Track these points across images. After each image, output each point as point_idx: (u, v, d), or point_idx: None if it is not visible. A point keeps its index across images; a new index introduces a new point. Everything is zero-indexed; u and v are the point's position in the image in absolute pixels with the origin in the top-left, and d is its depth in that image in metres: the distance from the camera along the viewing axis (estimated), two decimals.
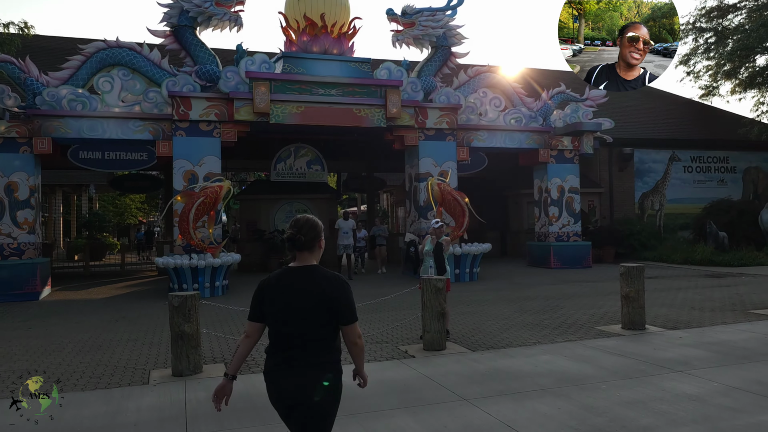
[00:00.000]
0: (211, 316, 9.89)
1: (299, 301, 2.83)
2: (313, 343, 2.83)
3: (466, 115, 16.40)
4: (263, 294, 2.94)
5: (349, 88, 14.92)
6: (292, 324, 2.83)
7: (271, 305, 2.88)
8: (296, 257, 2.94)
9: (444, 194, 14.82)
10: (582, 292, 12.20)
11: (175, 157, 13.91)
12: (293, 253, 2.93)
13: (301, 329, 2.82)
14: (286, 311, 2.84)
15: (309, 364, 2.81)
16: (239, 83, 14.20)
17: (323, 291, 2.84)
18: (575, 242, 17.48)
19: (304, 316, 2.82)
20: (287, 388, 2.80)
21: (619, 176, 21.06)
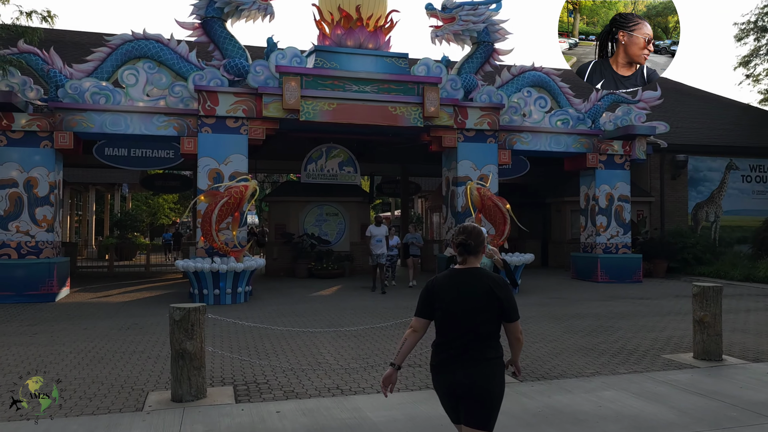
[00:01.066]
0: (220, 331, 9.06)
1: (471, 300, 3.07)
2: (481, 340, 3.07)
3: (508, 116, 15.34)
4: (434, 293, 3.17)
5: (385, 84, 14.04)
6: (464, 321, 3.07)
7: (443, 303, 3.12)
8: (464, 261, 3.19)
9: (484, 200, 13.78)
10: (637, 311, 11.01)
11: (200, 154, 13.22)
12: (463, 257, 3.18)
13: (472, 326, 3.06)
14: (459, 309, 3.08)
15: (479, 358, 3.06)
16: (269, 78, 13.44)
17: (491, 290, 3.07)
18: (624, 254, 16.21)
19: (475, 314, 3.06)
20: (458, 381, 3.05)
21: (671, 185, 19.67)
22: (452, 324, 3.10)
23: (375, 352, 7.46)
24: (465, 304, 3.08)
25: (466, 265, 3.19)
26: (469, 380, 3.04)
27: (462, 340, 3.08)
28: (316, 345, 7.82)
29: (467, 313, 3.07)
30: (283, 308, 11.41)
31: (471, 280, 3.12)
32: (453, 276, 3.17)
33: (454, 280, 3.15)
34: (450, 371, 3.09)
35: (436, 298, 3.15)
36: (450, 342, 3.11)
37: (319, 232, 18.07)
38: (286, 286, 15.22)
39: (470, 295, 3.09)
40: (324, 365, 6.80)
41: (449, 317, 3.11)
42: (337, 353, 7.40)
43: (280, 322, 9.69)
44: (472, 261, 3.18)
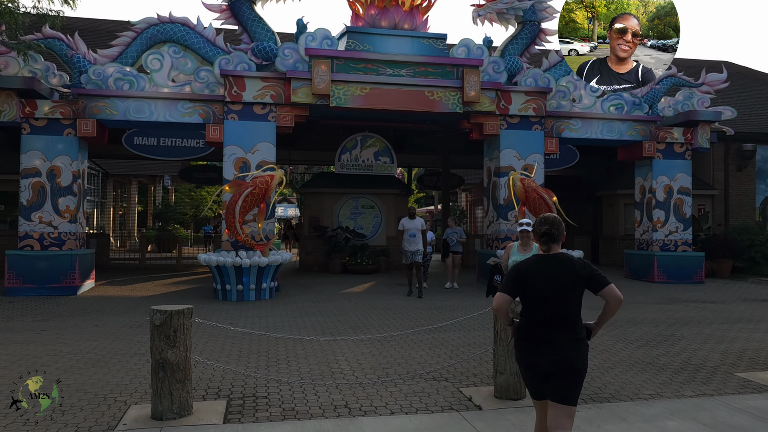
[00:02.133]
0: (233, 333, 8.35)
1: (561, 285, 3.33)
2: (569, 321, 3.35)
3: (556, 101, 14.16)
4: (525, 276, 3.38)
5: (421, 67, 13.08)
6: (554, 303, 3.33)
7: (535, 287, 3.34)
8: (549, 249, 3.41)
9: (528, 191, 12.70)
10: (701, 316, 9.78)
11: (226, 143, 12.58)
12: (548, 245, 3.40)
13: (561, 308, 3.34)
14: (550, 293, 3.33)
15: (569, 339, 3.32)
16: (298, 61, 12.68)
17: (576, 272, 3.36)
18: (685, 252, 14.83)
19: (565, 297, 3.34)
20: (548, 360, 3.29)
21: (736, 177, 18.03)
22: (543, 306, 3.32)
23: (398, 361, 6.59)
24: (556, 289, 3.32)
25: (549, 252, 3.42)
26: (559, 360, 3.26)
27: (552, 322, 3.31)
28: (333, 351, 7.00)
29: (558, 297, 3.31)
30: (308, 306, 10.66)
31: (559, 265, 3.37)
32: (542, 261, 3.40)
33: (544, 266, 3.38)
34: (540, 351, 3.30)
35: (527, 281, 3.36)
36: (541, 323, 3.33)
37: (354, 226, 17.30)
38: (317, 282, 14.51)
39: (560, 279, 3.33)
40: (337, 376, 5.97)
41: (541, 300, 3.33)
42: (356, 361, 6.57)
43: (300, 323, 8.93)
44: (555, 248, 3.43)
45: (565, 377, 3.29)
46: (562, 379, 3.29)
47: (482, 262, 14.33)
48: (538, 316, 3.35)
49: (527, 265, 3.42)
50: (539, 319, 3.34)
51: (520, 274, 3.40)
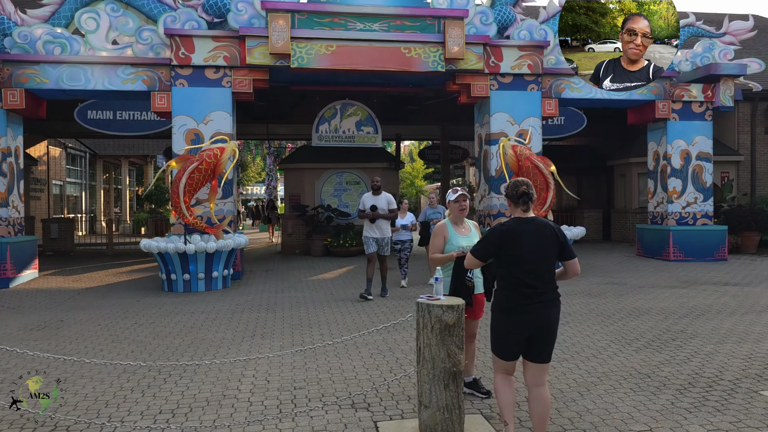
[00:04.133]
0: (153, 329, 6.93)
1: (545, 246, 3.48)
2: (551, 281, 3.51)
3: (555, 57, 12.38)
4: (507, 239, 3.49)
5: (397, 20, 11.41)
6: (539, 265, 3.45)
7: (520, 249, 3.45)
8: (527, 210, 3.56)
9: (521, 160, 11.04)
10: (721, 304, 8.12)
11: (175, 112, 11.12)
12: (527, 206, 3.55)
13: (544, 270, 3.47)
14: (536, 255, 3.45)
15: (553, 299, 3.51)
16: (253, 17, 11.10)
17: (556, 234, 3.52)
18: (705, 226, 13.06)
19: (547, 259, 3.48)
20: (535, 320, 3.44)
21: (764, 140, 16.10)
22: (528, 268, 3.44)
23: (319, 377, 5.11)
24: (541, 250, 3.46)
25: (527, 215, 3.56)
26: (545, 320, 3.45)
27: (538, 283, 3.44)
28: (247, 362, 5.54)
29: (542, 259, 3.46)
30: (260, 298, 9.23)
31: (540, 226, 3.52)
32: (526, 223, 3.52)
33: (530, 228, 3.50)
34: (528, 312, 3.43)
35: (510, 244, 3.47)
36: (527, 285, 3.42)
37: (338, 204, 15.79)
38: (290, 267, 13.07)
39: (545, 241, 3.47)
40: (225, 403, 4.51)
41: (526, 262, 3.44)
42: (264, 378, 5.11)
43: (236, 321, 7.49)
44: (531, 210, 3.59)
45: (547, 337, 3.49)
46: (545, 338, 3.49)
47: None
48: (522, 277, 3.43)
49: (512, 227, 3.51)
50: (525, 279, 3.43)
51: (500, 235, 3.51)
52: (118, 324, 7.40)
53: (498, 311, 3.55)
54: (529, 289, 3.42)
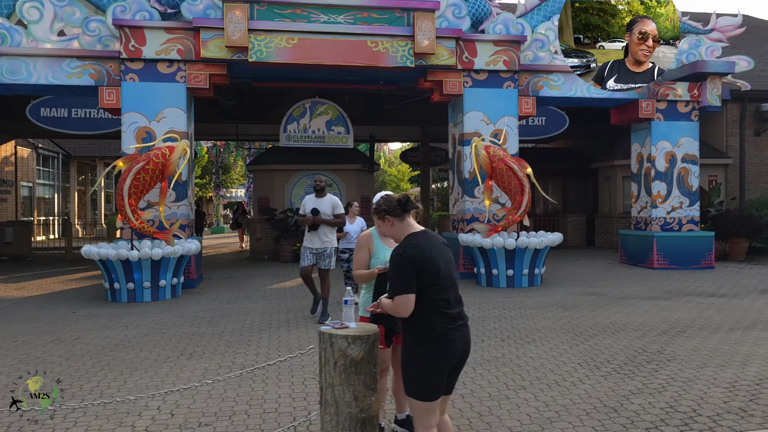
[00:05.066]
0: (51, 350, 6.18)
1: (448, 257, 3.06)
2: (461, 299, 3.08)
3: (532, 52, 11.71)
4: (423, 260, 2.91)
5: (364, 12, 10.72)
6: (455, 282, 3.03)
7: (438, 268, 2.93)
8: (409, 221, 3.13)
9: (494, 161, 10.36)
10: (704, 319, 7.44)
11: (125, 109, 10.36)
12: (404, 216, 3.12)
13: (456, 284, 3.04)
14: (451, 271, 3.02)
15: (467, 318, 3.07)
16: (209, 7, 10.39)
17: (449, 247, 3.15)
18: (690, 232, 12.41)
19: (454, 271, 3.08)
20: (463, 344, 2.98)
21: (754, 142, 15.49)
22: (448, 286, 2.99)
23: (231, 411, 4.38)
24: (449, 264, 3.05)
25: (416, 228, 3.13)
26: (468, 344, 3.06)
27: (459, 303, 3.05)
28: (160, 390, 4.79)
29: (452, 273, 3.04)
30: (208, 309, 8.48)
31: (437, 239, 3.11)
32: (429, 238, 3.06)
33: (432, 240, 3.06)
34: (455, 337, 2.95)
35: (427, 264, 2.92)
36: (450, 305, 2.98)
37: None
38: (253, 275, 12.32)
39: (446, 253, 3.08)
40: None
41: (447, 281, 2.99)
42: (168, 412, 4.38)
43: (168, 337, 6.74)
44: (414, 222, 3.17)
45: (464, 364, 3.10)
46: (462, 366, 3.09)
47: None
48: (445, 297, 2.95)
49: (421, 246, 2.99)
50: (447, 299, 2.96)
51: (414, 260, 2.90)
52: (37, 340, 6.65)
53: (422, 343, 2.93)
54: (452, 309, 2.96)
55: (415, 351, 2.93)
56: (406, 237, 3.05)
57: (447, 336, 2.91)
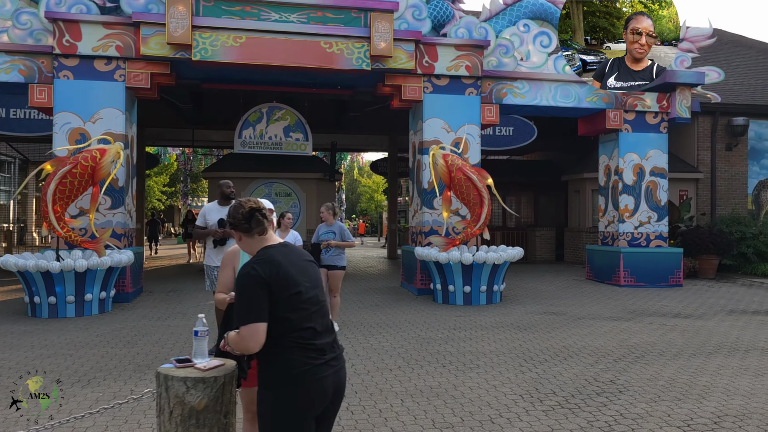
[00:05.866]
0: None
1: (312, 274, 2.50)
2: (331, 326, 2.53)
3: (496, 58, 11.21)
4: (276, 279, 2.34)
5: (318, 11, 10.13)
6: (321, 304, 2.49)
7: (297, 288, 2.38)
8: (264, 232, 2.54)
9: (452, 171, 9.79)
10: (666, 342, 6.89)
11: (57, 108, 9.64)
12: (262, 227, 2.52)
13: (324, 309, 2.49)
14: (315, 292, 2.47)
15: (341, 350, 2.52)
16: (151, 2, 9.73)
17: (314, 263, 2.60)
18: (659, 248, 11.94)
19: (320, 292, 2.52)
20: (335, 381, 2.42)
21: (725, 157, 15.16)
22: (316, 313, 2.43)
23: None
24: (310, 282, 2.47)
25: (273, 241, 2.57)
26: (342, 382, 2.48)
27: (329, 332, 2.48)
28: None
29: (317, 294, 2.48)
30: (133, 327, 7.74)
31: (298, 252, 2.57)
32: (287, 252, 2.50)
33: (294, 256, 2.50)
34: (324, 375, 2.37)
35: (283, 284, 2.36)
36: (320, 336, 2.41)
37: None
38: (199, 288, 11.58)
39: (310, 270, 2.52)
40: None
41: (312, 304, 2.42)
42: None
43: (64, 360, 6.00)
44: (272, 235, 2.60)
45: (338, 408, 2.53)
46: (336, 410, 2.52)
47: (407, 263, 11.45)
48: (309, 324, 2.38)
49: (270, 258, 2.40)
50: (313, 327, 2.39)
51: (263, 280, 2.31)
52: None
53: (279, 385, 2.33)
54: (320, 340, 2.39)
55: (271, 395, 2.34)
56: (259, 251, 2.50)
57: (313, 374, 2.34)
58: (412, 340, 6.93)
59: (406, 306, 9.42)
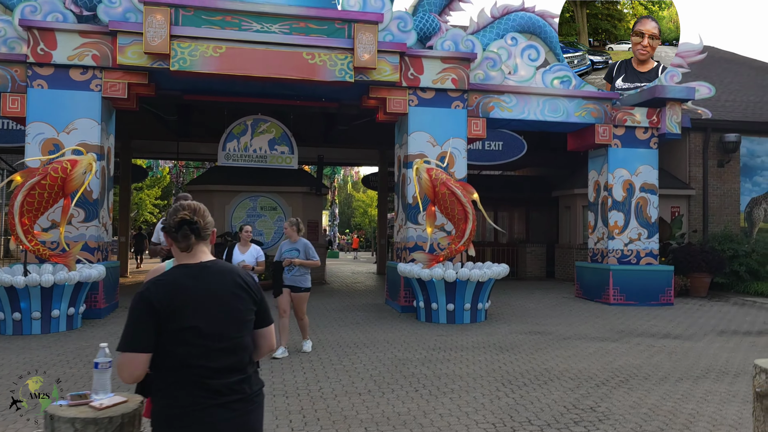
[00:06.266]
0: None
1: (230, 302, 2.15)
2: (244, 364, 2.16)
3: (483, 71, 11.02)
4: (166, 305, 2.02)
5: (301, 22, 9.95)
6: (222, 339, 2.09)
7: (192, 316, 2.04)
8: (194, 251, 2.19)
9: (436, 185, 9.54)
10: (652, 366, 6.60)
11: (30, 118, 9.39)
12: (188, 243, 2.17)
13: (232, 346, 2.11)
14: (220, 320, 2.10)
15: (251, 392, 2.15)
16: (129, 10, 9.53)
17: (245, 286, 2.21)
18: (649, 266, 11.68)
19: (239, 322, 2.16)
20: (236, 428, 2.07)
21: (717, 173, 14.96)
22: (215, 349, 2.07)
23: None
24: (228, 315, 2.13)
25: (197, 259, 2.18)
26: (253, 423, 2.15)
27: (238, 371, 2.13)
28: None
29: (232, 328, 2.13)
30: (96, 346, 7.42)
31: (222, 275, 2.19)
32: (191, 275, 2.12)
33: (205, 280, 2.13)
34: (224, 420, 2.05)
35: (178, 314, 2.04)
36: (213, 374, 2.06)
37: None
38: None
39: (231, 300, 2.16)
40: None
41: (209, 339, 2.07)
42: None
43: (7, 383, 5.67)
44: (204, 250, 2.22)
45: None
46: None
47: (391, 279, 11.16)
48: (204, 362, 2.04)
49: (169, 282, 2.08)
50: (208, 365, 2.05)
51: (151, 305, 2.01)
52: None
53: (163, 424, 2.05)
54: (218, 379, 2.07)
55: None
56: (171, 268, 2.21)
57: (200, 416, 2.01)
58: (388, 361, 6.62)
59: (388, 324, 9.12)
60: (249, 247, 6.78)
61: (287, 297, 6.93)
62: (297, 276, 6.85)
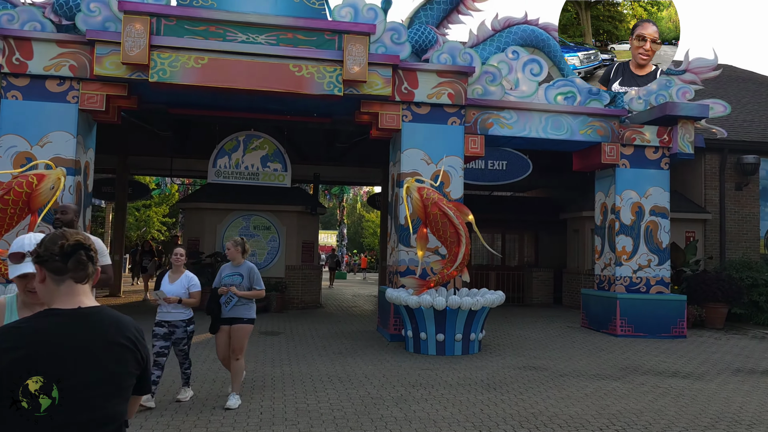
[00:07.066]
0: None
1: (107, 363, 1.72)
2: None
3: (482, 86, 10.45)
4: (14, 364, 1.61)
5: (288, 33, 9.49)
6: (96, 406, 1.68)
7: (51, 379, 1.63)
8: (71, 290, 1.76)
9: (427, 206, 8.93)
10: (654, 410, 5.87)
11: (3, 130, 8.98)
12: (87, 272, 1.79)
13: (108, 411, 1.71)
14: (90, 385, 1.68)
15: None
16: (108, 20, 9.14)
17: (129, 343, 1.78)
18: (660, 294, 10.90)
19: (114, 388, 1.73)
20: None
21: (735, 197, 14.16)
22: (71, 420, 1.64)
23: None
24: (103, 379, 1.71)
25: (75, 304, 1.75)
26: None
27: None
28: None
29: (103, 397, 1.70)
30: None
31: (104, 327, 1.75)
32: (70, 322, 1.70)
33: (80, 331, 1.71)
34: None
35: (32, 371, 1.62)
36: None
37: None
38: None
39: (108, 360, 1.72)
40: None
41: (67, 408, 1.64)
42: None
43: None
44: (86, 293, 1.79)
45: None
46: None
47: (383, 305, 10.52)
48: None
49: (19, 336, 1.63)
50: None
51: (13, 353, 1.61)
52: None
53: None
54: None
55: None
56: (37, 312, 1.75)
57: None
58: (358, 400, 5.97)
59: (372, 355, 8.46)
60: (181, 275, 5.89)
61: (225, 338, 5.81)
62: (239, 306, 5.79)
